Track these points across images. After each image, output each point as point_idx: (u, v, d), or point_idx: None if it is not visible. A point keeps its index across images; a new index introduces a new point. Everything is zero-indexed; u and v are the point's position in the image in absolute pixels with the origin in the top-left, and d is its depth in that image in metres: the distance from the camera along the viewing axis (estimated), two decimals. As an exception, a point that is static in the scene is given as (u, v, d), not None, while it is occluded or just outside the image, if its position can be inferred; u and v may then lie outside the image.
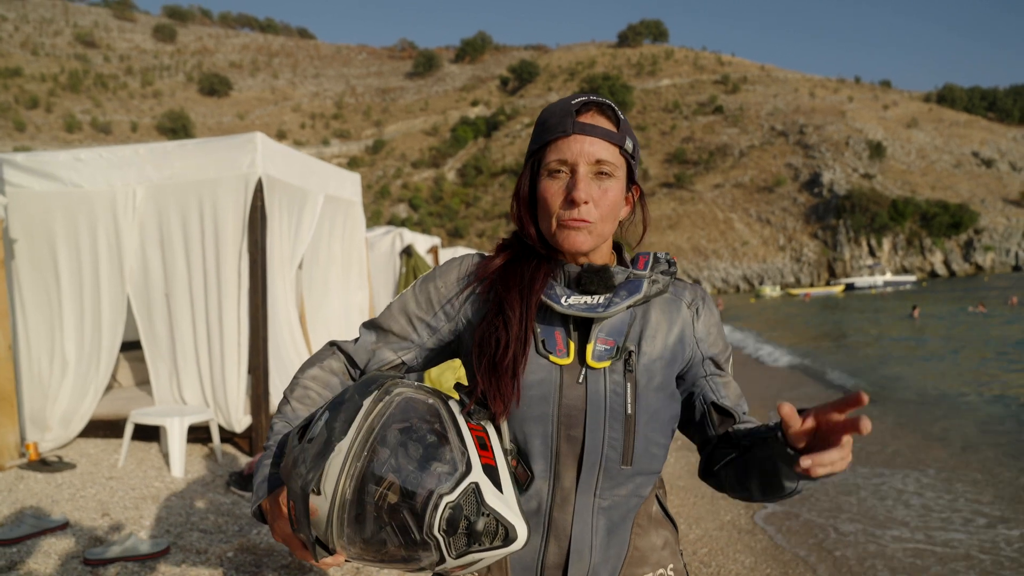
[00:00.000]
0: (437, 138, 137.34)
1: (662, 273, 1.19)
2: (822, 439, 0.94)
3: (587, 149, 1.10)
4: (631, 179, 1.18)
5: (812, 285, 78.72)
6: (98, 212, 5.40)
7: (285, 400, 1.18)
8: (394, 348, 1.23)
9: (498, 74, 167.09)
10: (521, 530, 0.96)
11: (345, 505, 0.93)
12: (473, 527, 0.92)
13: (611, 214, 1.14)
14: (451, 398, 1.09)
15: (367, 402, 0.99)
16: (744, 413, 1.23)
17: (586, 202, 1.10)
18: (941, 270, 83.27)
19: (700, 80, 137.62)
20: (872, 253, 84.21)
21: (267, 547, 3.66)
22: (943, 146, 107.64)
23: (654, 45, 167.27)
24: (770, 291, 68.45)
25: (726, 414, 1.20)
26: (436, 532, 0.91)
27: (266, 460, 1.09)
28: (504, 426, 1.09)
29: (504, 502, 0.96)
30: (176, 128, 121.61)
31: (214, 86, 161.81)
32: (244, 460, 5.23)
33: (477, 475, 0.95)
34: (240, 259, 5.24)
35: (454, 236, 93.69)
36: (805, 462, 0.88)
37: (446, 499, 0.91)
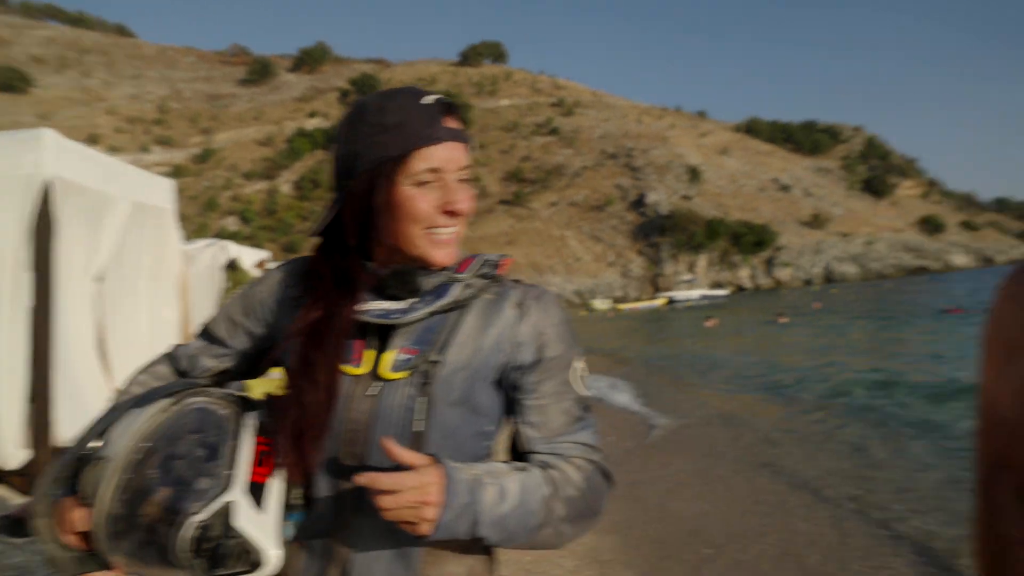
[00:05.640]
0: (271, 149, 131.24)
1: (481, 276, 1.09)
2: None
3: (456, 156, 1.03)
4: None
5: (639, 299, 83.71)
6: None
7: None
8: (216, 355, 1.18)
9: (338, 86, 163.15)
10: (271, 556, 0.90)
11: (111, 519, 0.87)
12: (218, 550, 0.86)
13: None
14: (259, 407, 1.02)
15: (151, 411, 0.93)
16: (555, 447, 1.06)
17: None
18: (748, 284, 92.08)
19: (537, 102, 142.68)
20: (690, 269, 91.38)
21: (43, 597, 3.22)
22: (750, 172, 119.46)
23: (494, 66, 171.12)
24: (600, 304, 72.06)
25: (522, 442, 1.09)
26: (184, 552, 0.85)
27: None
28: None
29: (259, 525, 0.90)
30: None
31: (11, 81, 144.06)
32: (17, 501, 4.59)
33: (235, 494, 0.89)
34: (19, 272, 4.64)
35: (288, 251, 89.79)
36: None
37: (195, 518, 0.85)
